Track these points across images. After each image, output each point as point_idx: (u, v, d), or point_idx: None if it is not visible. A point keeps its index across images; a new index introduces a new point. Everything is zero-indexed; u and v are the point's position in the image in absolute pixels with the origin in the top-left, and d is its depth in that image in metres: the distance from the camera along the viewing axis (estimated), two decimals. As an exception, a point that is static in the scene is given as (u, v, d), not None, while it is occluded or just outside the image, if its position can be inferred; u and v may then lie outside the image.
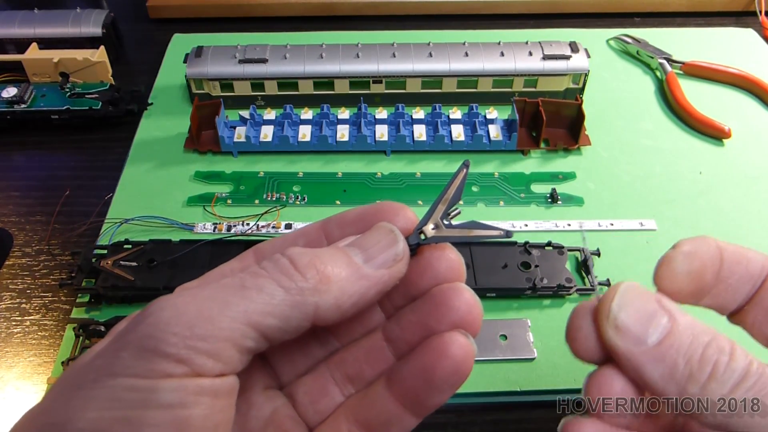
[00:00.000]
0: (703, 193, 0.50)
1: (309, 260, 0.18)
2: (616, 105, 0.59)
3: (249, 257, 0.22)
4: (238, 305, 0.17)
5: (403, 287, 0.21)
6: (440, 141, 0.53)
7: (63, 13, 0.63)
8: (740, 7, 0.72)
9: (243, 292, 0.17)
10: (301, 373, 0.22)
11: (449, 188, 0.21)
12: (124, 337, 0.17)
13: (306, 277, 0.18)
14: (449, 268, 0.21)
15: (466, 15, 0.71)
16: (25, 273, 0.45)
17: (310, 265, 0.18)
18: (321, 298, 0.18)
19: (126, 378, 0.16)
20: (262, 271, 0.18)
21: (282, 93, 0.57)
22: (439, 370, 0.19)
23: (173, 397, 0.16)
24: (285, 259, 0.18)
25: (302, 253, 0.19)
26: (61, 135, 0.56)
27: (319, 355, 0.22)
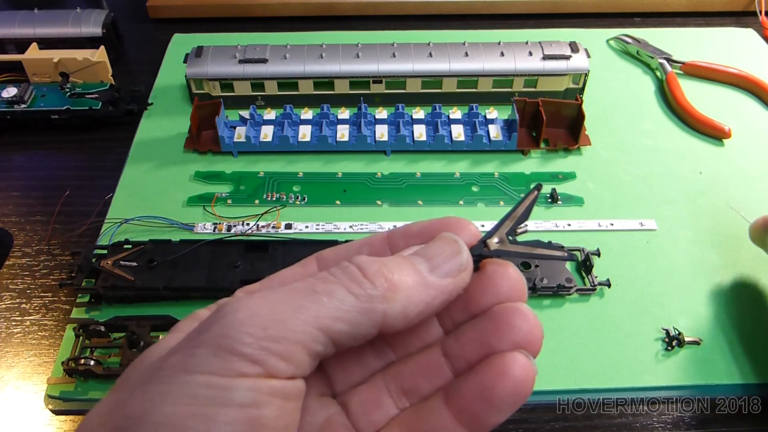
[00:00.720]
0: (703, 193, 0.50)
1: (377, 268, 0.19)
2: (616, 105, 0.59)
3: (312, 264, 0.22)
4: (310, 309, 0.17)
5: (464, 303, 0.21)
6: (440, 141, 0.53)
7: (63, 13, 0.63)
8: (740, 7, 0.72)
9: (314, 297, 0.18)
10: (355, 383, 0.22)
11: (519, 206, 0.21)
12: (199, 335, 0.17)
13: (375, 285, 0.18)
14: (511, 287, 0.21)
15: (466, 15, 0.71)
16: (25, 273, 0.45)
17: (378, 273, 0.19)
18: (389, 305, 0.18)
19: (202, 375, 0.16)
20: (332, 277, 0.18)
21: (282, 93, 0.57)
22: (500, 389, 0.19)
23: (247, 396, 0.16)
24: (353, 267, 0.19)
25: (370, 261, 0.19)
26: (61, 135, 0.56)
27: (374, 365, 0.22)
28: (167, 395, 0.16)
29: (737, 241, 0.46)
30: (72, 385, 0.38)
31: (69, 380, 0.38)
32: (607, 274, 0.43)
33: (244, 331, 0.16)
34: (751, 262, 0.45)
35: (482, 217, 0.48)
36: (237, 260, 0.42)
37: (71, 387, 0.38)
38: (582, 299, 0.43)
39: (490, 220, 0.48)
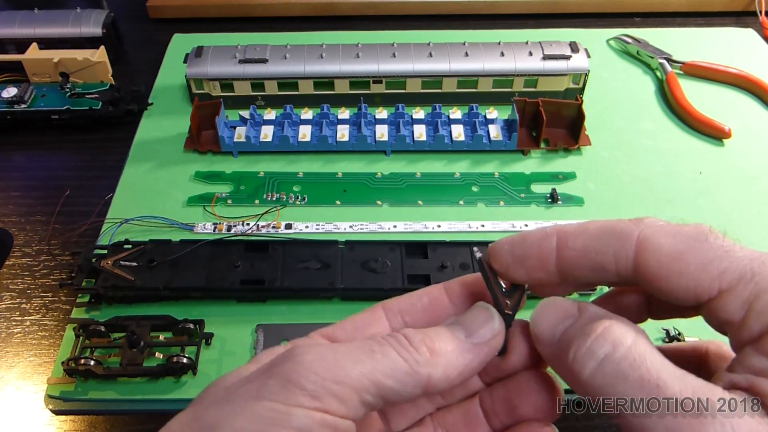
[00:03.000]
0: (703, 193, 0.50)
1: (420, 338, 0.21)
2: (616, 105, 0.59)
3: (379, 311, 0.25)
4: (367, 364, 0.20)
5: (497, 362, 0.24)
6: (440, 141, 0.53)
7: (63, 13, 0.63)
8: (740, 7, 0.72)
9: (371, 355, 0.20)
10: (409, 425, 0.25)
11: (490, 283, 0.23)
12: (272, 368, 0.20)
13: (420, 352, 0.21)
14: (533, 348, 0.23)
15: (466, 15, 0.71)
16: (25, 273, 0.45)
17: (421, 342, 0.21)
18: (432, 369, 0.21)
19: (269, 402, 0.19)
20: (386, 342, 0.21)
21: (282, 93, 0.57)
22: None
23: (302, 422, 0.19)
24: (402, 337, 0.21)
25: (415, 333, 0.22)
26: (61, 135, 0.56)
27: (427, 408, 0.25)
28: (239, 414, 0.19)
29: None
30: (72, 385, 0.38)
31: (69, 380, 0.38)
32: (607, 274, 0.43)
33: (311, 371, 0.19)
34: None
35: (482, 217, 0.48)
36: (237, 260, 0.42)
37: (71, 387, 0.38)
38: (582, 299, 0.43)
39: (490, 220, 0.48)
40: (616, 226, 0.21)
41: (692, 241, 0.19)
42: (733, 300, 0.18)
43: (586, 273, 0.21)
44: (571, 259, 0.21)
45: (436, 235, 0.47)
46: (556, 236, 0.22)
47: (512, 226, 0.47)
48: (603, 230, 0.21)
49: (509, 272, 0.23)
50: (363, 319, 0.24)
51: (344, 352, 0.20)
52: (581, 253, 0.21)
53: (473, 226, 0.47)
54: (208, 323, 0.40)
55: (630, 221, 0.20)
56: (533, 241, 0.22)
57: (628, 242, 0.20)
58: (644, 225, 0.20)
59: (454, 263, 0.43)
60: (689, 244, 0.19)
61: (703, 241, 0.19)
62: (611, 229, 0.21)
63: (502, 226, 0.47)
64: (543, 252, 0.22)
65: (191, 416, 0.20)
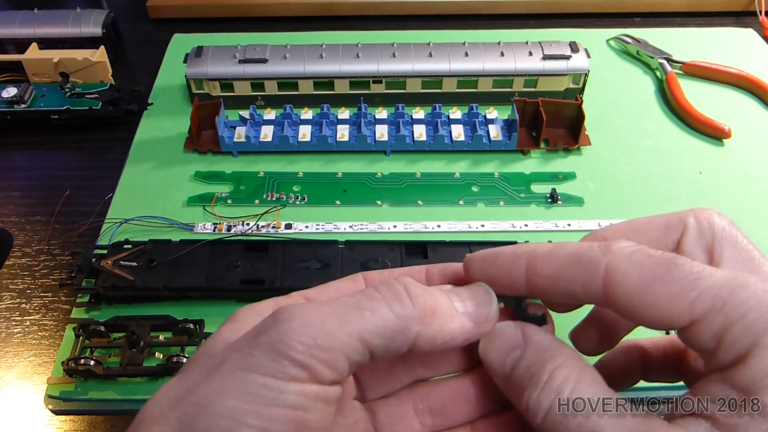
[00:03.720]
0: (703, 193, 0.50)
1: (420, 292, 0.21)
2: (616, 105, 0.59)
3: (359, 280, 0.25)
4: (354, 323, 0.19)
5: None
6: (440, 141, 0.53)
7: (63, 13, 0.63)
8: (740, 7, 0.72)
9: (359, 312, 0.20)
10: (385, 394, 0.24)
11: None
12: (257, 336, 0.19)
13: (415, 306, 0.20)
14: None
15: (466, 15, 0.71)
16: (25, 273, 0.45)
17: (420, 296, 0.21)
18: (423, 328, 0.20)
19: (259, 375, 0.18)
20: (377, 294, 0.20)
21: (282, 93, 0.57)
22: None
23: (297, 399, 0.18)
24: (399, 286, 0.21)
25: (415, 284, 0.21)
26: (61, 135, 0.56)
27: (404, 380, 0.24)
28: (229, 389, 0.18)
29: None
30: (72, 385, 0.38)
31: (69, 380, 0.38)
32: (607, 274, 0.43)
33: (297, 338, 0.19)
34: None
35: (482, 217, 0.48)
36: (237, 260, 0.42)
37: (71, 387, 0.38)
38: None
39: (490, 220, 0.48)
40: (584, 255, 0.20)
41: (660, 271, 0.19)
42: (705, 331, 0.18)
43: (556, 298, 0.22)
44: (540, 285, 0.21)
45: (436, 235, 0.47)
46: (526, 260, 0.21)
47: (512, 226, 0.47)
48: (571, 258, 0.20)
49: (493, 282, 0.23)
50: (344, 287, 0.24)
51: (330, 312, 0.20)
52: (550, 281, 0.21)
53: (473, 226, 0.47)
54: (208, 323, 0.40)
55: (599, 247, 0.20)
56: (503, 263, 0.22)
57: (595, 273, 0.20)
58: (612, 254, 0.20)
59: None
60: (657, 275, 0.19)
61: (672, 269, 0.19)
62: (579, 258, 0.20)
63: (502, 226, 0.47)
64: (512, 275, 0.22)
65: (179, 389, 0.19)
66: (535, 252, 0.21)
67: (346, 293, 0.22)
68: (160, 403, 0.19)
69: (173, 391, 0.19)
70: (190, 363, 0.21)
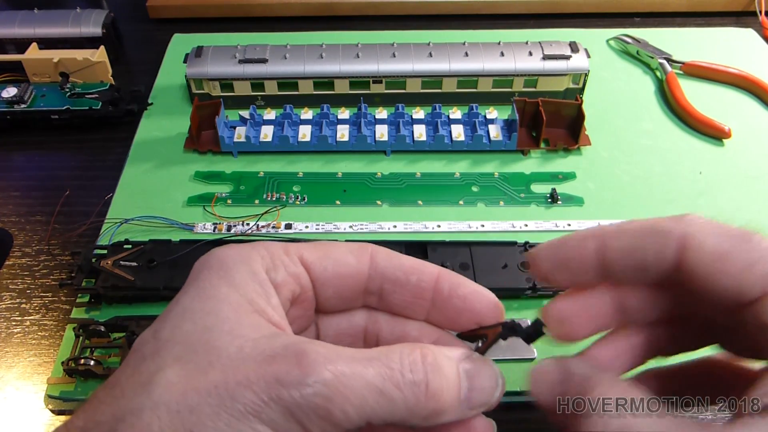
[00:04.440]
0: (703, 193, 0.50)
1: (437, 389, 0.20)
2: (616, 105, 0.59)
3: (366, 254, 0.24)
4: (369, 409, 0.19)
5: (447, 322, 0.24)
6: (440, 141, 0.53)
7: (63, 13, 0.63)
8: (740, 7, 0.72)
9: (379, 398, 0.19)
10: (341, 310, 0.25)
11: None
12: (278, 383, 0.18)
13: (427, 407, 0.20)
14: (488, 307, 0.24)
15: (466, 15, 0.71)
16: (25, 273, 0.45)
17: (436, 396, 0.20)
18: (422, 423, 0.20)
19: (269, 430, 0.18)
20: (401, 380, 0.19)
21: (282, 93, 0.57)
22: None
23: None
24: (422, 379, 0.20)
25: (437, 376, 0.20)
26: (61, 135, 0.56)
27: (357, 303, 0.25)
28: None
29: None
30: (72, 385, 0.38)
31: (69, 380, 0.38)
32: (607, 274, 0.43)
33: (317, 412, 0.18)
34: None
35: (482, 217, 0.48)
36: (237, 260, 0.42)
37: (71, 387, 0.38)
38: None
39: (490, 220, 0.48)
40: (656, 224, 0.20)
41: (737, 241, 0.19)
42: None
43: (628, 273, 0.21)
44: (612, 260, 0.21)
45: (436, 235, 0.47)
46: (595, 237, 0.21)
47: (512, 226, 0.47)
48: (643, 229, 0.21)
49: (551, 276, 0.23)
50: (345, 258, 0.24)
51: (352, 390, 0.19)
52: (622, 254, 0.21)
53: (473, 226, 0.47)
54: (208, 323, 0.40)
55: (671, 219, 0.20)
56: (573, 244, 0.22)
57: (669, 240, 0.20)
58: (685, 223, 0.20)
59: (453, 263, 0.42)
60: (733, 244, 0.19)
61: (748, 241, 0.19)
62: (651, 228, 0.20)
63: (502, 226, 0.47)
64: (584, 254, 0.21)
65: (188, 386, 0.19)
66: (603, 229, 0.21)
67: (347, 261, 0.23)
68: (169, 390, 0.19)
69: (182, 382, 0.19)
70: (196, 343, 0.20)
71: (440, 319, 0.25)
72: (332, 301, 0.24)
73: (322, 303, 0.24)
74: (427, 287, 0.24)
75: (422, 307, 0.24)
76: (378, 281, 0.24)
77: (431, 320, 0.25)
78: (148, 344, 0.20)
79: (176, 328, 0.20)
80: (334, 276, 0.23)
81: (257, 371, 0.18)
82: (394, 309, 0.25)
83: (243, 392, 0.18)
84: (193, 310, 0.21)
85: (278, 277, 0.22)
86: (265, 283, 0.22)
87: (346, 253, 0.24)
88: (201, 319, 0.20)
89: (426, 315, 0.25)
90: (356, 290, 0.24)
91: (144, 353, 0.20)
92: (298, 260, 0.23)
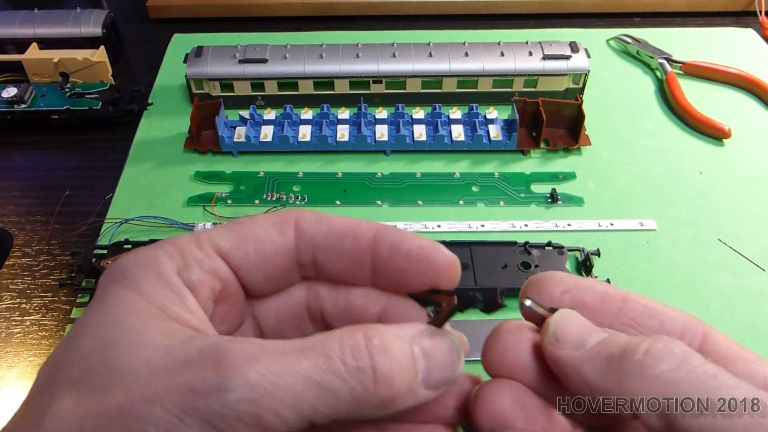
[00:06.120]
0: (703, 193, 0.50)
1: (388, 370, 0.18)
2: (616, 105, 0.59)
3: (289, 231, 0.21)
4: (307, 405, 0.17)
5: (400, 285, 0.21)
6: (440, 141, 0.53)
7: (63, 13, 0.63)
8: (740, 7, 0.72)
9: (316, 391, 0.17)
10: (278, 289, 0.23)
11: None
12: (192, 396, 0.16)
13: (378, 393, 0.18)
14: (444, 266, 0.21)
15: (466, 15, 0.71)
16: (25, 273, 0.45)
17: (387, 378, 0.18)
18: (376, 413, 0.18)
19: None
20: (341, 368, 0.17)
21: (282, 93, 0.57)
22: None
23: None
24: (368, 363, 0.18)
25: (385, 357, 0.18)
26: (61, 135, 0.56)
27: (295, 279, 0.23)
28: None
29: (737, 241, 0.46)
30: (72, 385, 0.38)
31: (69, 380, 0.38)
32: (607, 274, 0.43)
33: (242, 420, 0.16)
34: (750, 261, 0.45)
35: (482, 217, 0.48)
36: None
37: (71, 387, 0.38)
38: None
39: (490, 220, 0.48)
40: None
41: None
42: None
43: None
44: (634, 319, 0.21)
45: (435, 235, 0.47)
46: (624, 294, 0.21)
47: (512, 226, 0.47)
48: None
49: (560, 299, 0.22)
50: (264, 232, 0.21)
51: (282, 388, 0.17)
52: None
53: (473, 226, 0.47)
54: (208, 323, 0.40)
55: None
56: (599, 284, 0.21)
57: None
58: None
59: (454, 263, 0.42)
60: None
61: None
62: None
63: (502, 226, 0.47)
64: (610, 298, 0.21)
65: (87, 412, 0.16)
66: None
67: (270, 238, 0.20)
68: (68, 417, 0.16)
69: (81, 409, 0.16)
70: (84, 370, 0.17)
71: (386, 283, 0.22)
72: (263, 286, 0.22)
73: (252, 289, 0.22)
74: (365, 249, 0.21)
75: (363, 273, 0.22)
76: (309, 252, 0.21)
77: (377, 285, 0.22)
78: (42, 373, 0.18)
79: (72, 349, 0.17)
80: (259, 259, 0.21)
81: (167, 383, 0.16)
82: (334, 278, 0.22)
83: (151, 410, 0.16)
84: (91, 324, 0.18)
85: (193, 277, 0.19)
86: (178, 286, 0.19)
87: (267, 229, 0.21)
88: (100, 333, 0.17)
89: (370, 280, 0.22)
90: (287, 268, 0.21)
91: (39, 384, 0.17)
92: (213, 252, 0.20)
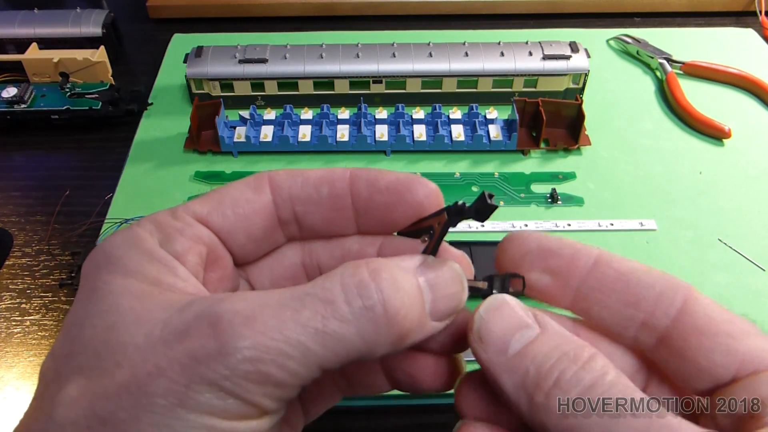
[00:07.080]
0: (703, 193, 0.50)
1: (400, 306, 0.17)
2: (616, 105, 0.59)
3: (265, 188, 0.21)
4: (314, 354, 0.16)
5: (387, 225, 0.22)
6: (440, 141, 0.53)
7: (63, 13, 0.63)
8: (740, 7, 0.72)
9: (323, 339, 0.16)
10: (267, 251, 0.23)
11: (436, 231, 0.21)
12: (194, 363, 0.16)
13: (391, 331, 0.17)
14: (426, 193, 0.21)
15: (466, 15, 0.71)
16: (25, 273, 0.45)
17: (400, 312, 0.17)
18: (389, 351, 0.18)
19: (205, 416, 0.16)
20: (347, 310, 0.17)
21: (282, 93, 0.57)
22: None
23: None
24: (378, 300, 0.17)
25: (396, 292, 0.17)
26: (61, 135, 0.56)
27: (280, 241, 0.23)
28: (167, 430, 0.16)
29: (737, 241, 0.46)
30: (72, 385, 0.38)
31: (69, 380, 0.38)
32: (607, 274, 0.43)
33: (248, 377, 0.16)
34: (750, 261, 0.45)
35: (482, 217, 0.48)
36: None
37: (71, 387, 0.38)
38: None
39: (490, 220, 0.48)
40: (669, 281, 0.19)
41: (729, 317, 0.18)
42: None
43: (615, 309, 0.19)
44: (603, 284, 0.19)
45: (436, 235, 0.47)
46: (596, 257, 0.19)
47: (512, 226, 0.47)
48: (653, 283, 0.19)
49: (521, 261, 0.21)
50: (242, 197, 0.21)
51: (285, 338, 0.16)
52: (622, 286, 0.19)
53: (473, 226, 0.47)
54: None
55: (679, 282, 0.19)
56: (568, 246, 0.20)
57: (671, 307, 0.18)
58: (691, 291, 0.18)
59: (454, 263, 0.42)
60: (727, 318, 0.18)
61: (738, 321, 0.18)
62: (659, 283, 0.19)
63: (502, 226, 0.47)
64: (576, 262, 0.20)
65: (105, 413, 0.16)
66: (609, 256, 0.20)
67: (246, 197, 0.20)
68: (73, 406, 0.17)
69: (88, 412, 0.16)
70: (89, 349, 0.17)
71: (372, 225, 0.22)
72: (249, 247, 0.21)
73: (239, 253, 0.21)
74: (342, 193, 0.21)
75: (347, 218, 0.21)
76: (288, 207, 0.21)
77: (366, 230, 0.22)
78: (47, 368, 0.18)
79: (75, 340, 0.17)
80: (239, 219, 0.21)
81: (168, 355, 0.16)
82: (321, 232, 0.22)
83: (156, 383, 0.16)
84: (89, 314, 0.18)
85: (177, 247, 0.19)
86: (165, 258, 0.19)
87: (242, 190, 0.21)
88: (101, 321, 0.17)
89: (355, 226, 0.22)
90: (269, 225, 0.21)
91: (45, 379, 0.18)
92: (191, 219, 0.20)
